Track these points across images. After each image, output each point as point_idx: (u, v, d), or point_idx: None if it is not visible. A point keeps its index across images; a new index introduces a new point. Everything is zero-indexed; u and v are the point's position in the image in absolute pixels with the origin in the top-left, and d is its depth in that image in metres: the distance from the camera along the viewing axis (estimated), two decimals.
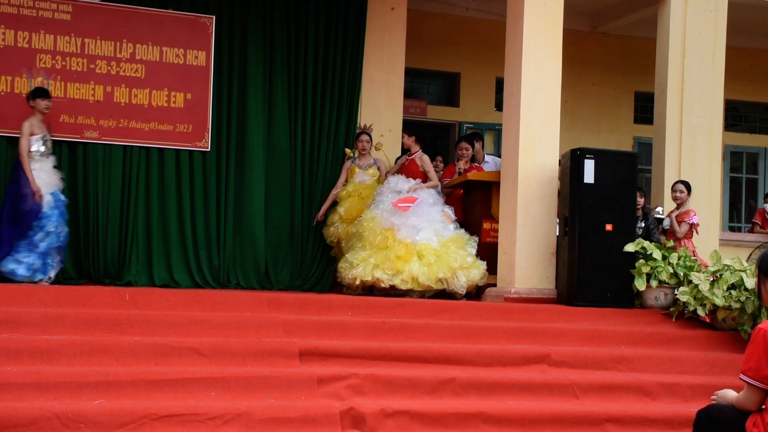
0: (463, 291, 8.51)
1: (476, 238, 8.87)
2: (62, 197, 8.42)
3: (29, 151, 8.22)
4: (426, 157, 9.22)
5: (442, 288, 8.48)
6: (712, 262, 8.09)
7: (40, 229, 8.16)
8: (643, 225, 8.91)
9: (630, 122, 13.23)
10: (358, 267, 8.54)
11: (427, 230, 8.58)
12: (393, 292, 8.41)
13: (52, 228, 8.21)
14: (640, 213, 9.02)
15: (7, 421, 4.95)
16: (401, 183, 8.97)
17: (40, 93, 8.42)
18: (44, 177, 8.28)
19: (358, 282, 8.53)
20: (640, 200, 9.03)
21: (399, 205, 8.61)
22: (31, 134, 8.28)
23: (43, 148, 8.32)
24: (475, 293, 8.89)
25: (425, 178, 9.10)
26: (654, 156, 10.09)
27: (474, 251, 8.69)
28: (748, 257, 9.98)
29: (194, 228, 9.37)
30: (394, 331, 6.95)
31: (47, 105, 8.41)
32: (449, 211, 9.00)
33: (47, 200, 8.22)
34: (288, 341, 6.48)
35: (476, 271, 8.58)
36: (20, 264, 8.08)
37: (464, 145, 9.73)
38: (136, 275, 9.06)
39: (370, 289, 8.59)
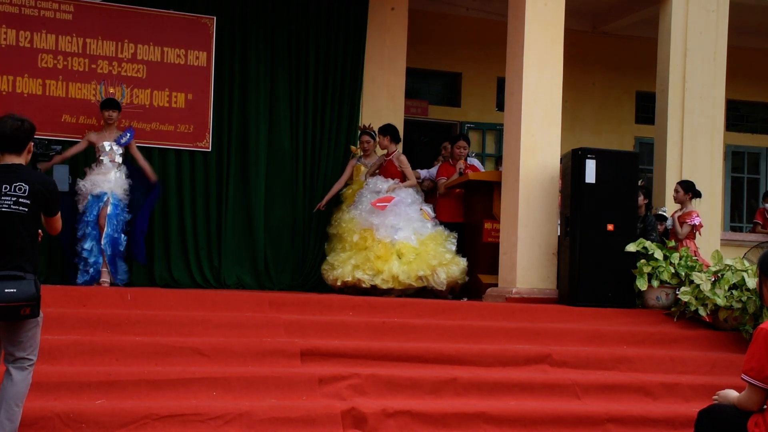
0: (443, 287, 8.58)
1: (455, 235, 8.92)
2: (101, 200, 8.36)
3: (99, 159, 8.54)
4: (403, 157, 9.19)
5: (423, 285, 8.56)
6: (713, 262, 8.08)
7: (82, 232, 8.42)
8: (641, 226, 8.90)
9: (631, 122, 13.22)
10: (338, 268, 8.68)
11: (406, 229, 8.65)
12: (374, 292, 8.48)
13: (87, 229, 8.35)
14: (643, 212, 9.00)
15: None
16: (380, 183, 9.04)
17: (104, 104, 8.65)
18: (93, 179, 8.44)
19: (339, 283, 8.65)
20: (642, 200, 8.99)
21: (377, 204, 8.68)
22: (89, 143, 8.58)
23: (102, 157, 8.50)
24: (460, 291, 8.95)
25: (403, 177, 9.12)
26: (655, 156, 10.09)
27: (453, 247, 8.78)
28: (743, 255, 9.97)
29: (195, 228, 9.38)
30: (396, 331, 6.95)
31: (109, 115, 8.58)
32: (428, 209, 9.08)
33: (87, 203, 8.40)
34: (289, 341, 6.49)
35: (455, 267, 8.65)
36: (80, 271, 8.36)
37: (462, 143, 9.73)
38: (137, 275, 9.06)
39: (353, 289, 8.63)
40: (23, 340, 4.60)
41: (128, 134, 8.66)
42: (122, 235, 8.45)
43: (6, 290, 4.43)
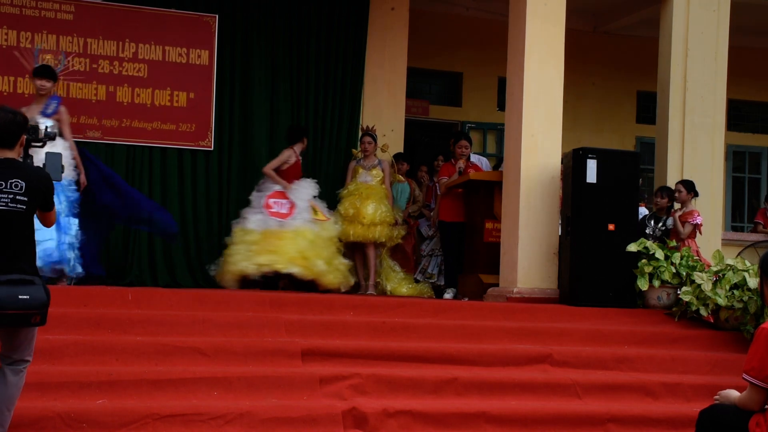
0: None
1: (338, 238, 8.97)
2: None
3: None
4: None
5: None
6: (714, 262, 8.08)
7: None
8: (663, 228, 8.92)
9: (632, 122, 13.22)
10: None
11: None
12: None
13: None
14: (664, 214, 9.03)
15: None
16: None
17: (36, 72, 7.67)
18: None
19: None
20: (666, 203, 9.04)
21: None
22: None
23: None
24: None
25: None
26: (656, 156, 10.08)
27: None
28: (739, 254, 9.97)
29: (196, 227, 9.38)
30: (396, 331, 6.95)
31: (41, 85, 7.60)
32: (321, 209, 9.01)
33: None
34: (290, 341, 6.48)
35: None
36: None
37: (464, 143, 9.73)
38: (139, 275, 9.06)
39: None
40: (23, 342, 4.55)
41: (54, 103, 7.56)
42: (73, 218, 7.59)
43: (20, 296, 4.28)
